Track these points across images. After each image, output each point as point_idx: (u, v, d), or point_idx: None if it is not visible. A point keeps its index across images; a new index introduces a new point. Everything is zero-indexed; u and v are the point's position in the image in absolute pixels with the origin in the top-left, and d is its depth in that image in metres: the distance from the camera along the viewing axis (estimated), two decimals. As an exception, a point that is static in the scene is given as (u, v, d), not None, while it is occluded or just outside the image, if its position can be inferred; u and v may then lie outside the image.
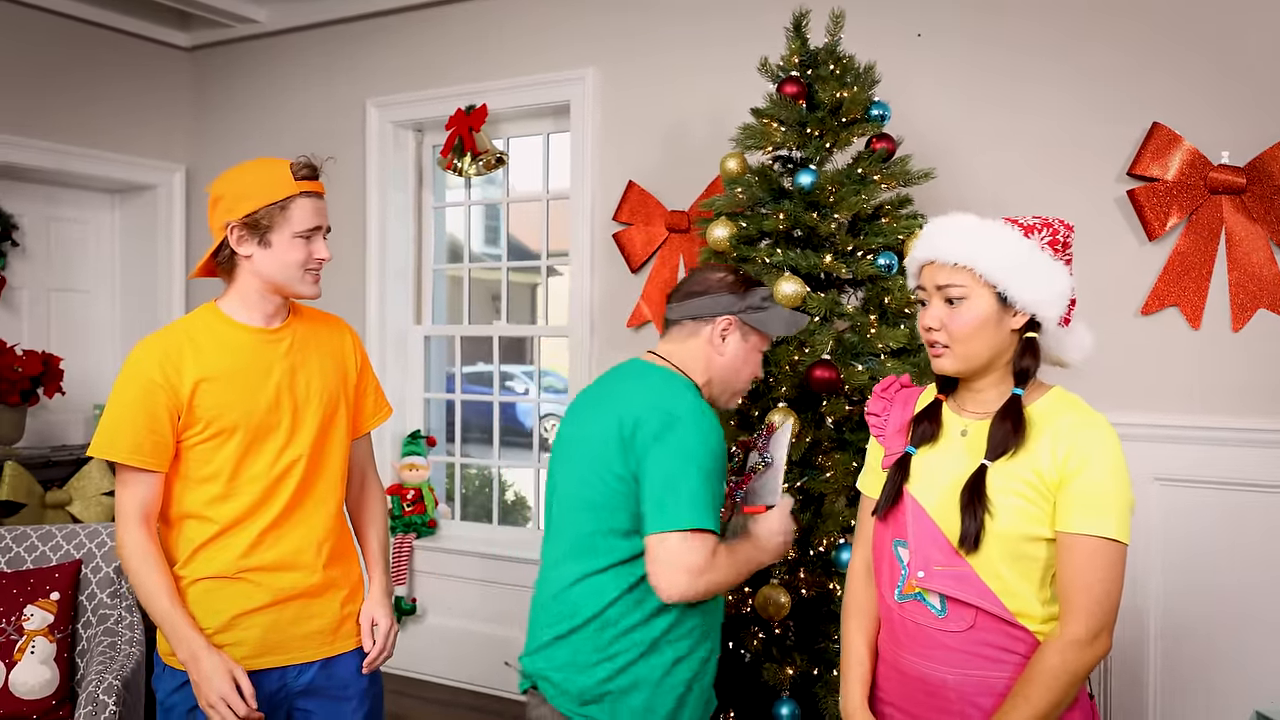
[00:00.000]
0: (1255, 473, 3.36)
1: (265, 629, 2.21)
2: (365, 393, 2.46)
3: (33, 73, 5.12)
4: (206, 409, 2.16)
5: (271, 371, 2.24)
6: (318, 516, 2.29)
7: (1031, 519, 1.75)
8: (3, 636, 2.98)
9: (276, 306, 2.28)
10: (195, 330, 2.22)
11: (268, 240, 2.18)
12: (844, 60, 3.14)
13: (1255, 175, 3.37)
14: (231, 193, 2.19)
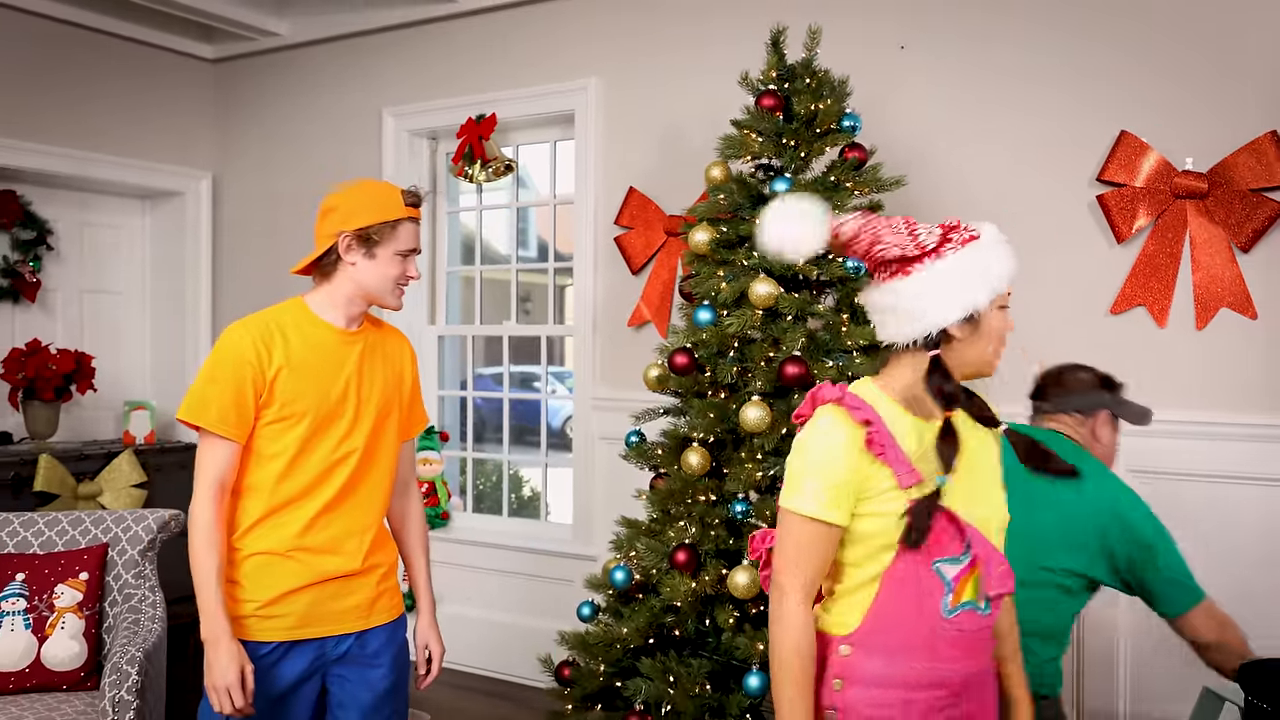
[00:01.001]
0: (1217, 464, 3.51)
1: (308, 604, 2.43)
2: (412, 403, 2.68)
3: (64, 84, 5.38)
4: (284, 393, 2.38)
5: (344, 368, 2.47)
6: (366, 506, 2.52)
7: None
8: (36, 613, 3.22)
9: (359, 312, 2.52)
10: (285, 321, 2.44)
11: (373, 253, 2.43)
12: (820, 74, 3.33)
13: (1216, 181, 3.52)
14: (347, 207, 2.44)
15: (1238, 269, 3.52)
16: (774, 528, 2.94)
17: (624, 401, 4.34)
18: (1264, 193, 3.46)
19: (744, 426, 3.05)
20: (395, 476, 2.63)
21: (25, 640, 3.18)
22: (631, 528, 3.35)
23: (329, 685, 2.51)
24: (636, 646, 3.19)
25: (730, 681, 3.05)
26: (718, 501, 3.16)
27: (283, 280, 5.56)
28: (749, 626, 3.01)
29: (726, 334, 3.19)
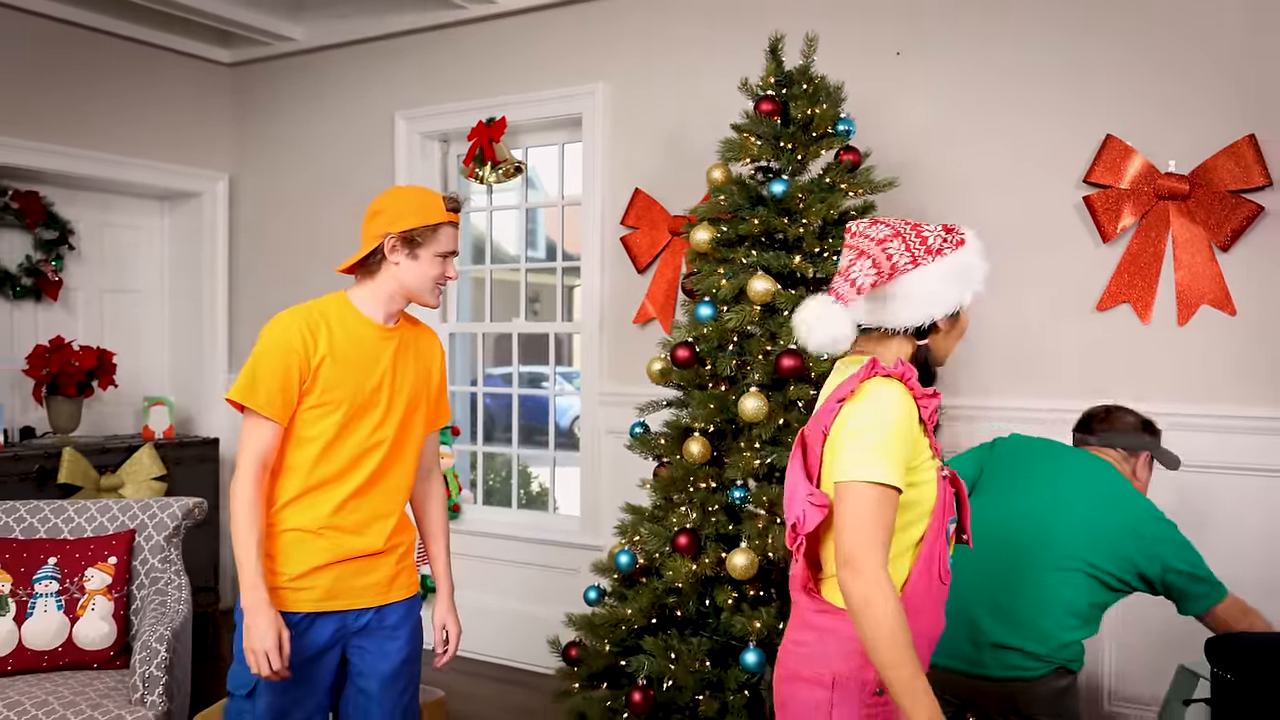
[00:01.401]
0: (1196, 453, 3.64)
1: (333, 579, 2.60)
2: (438, 397, 2.85)
3: (86, 88, 5.54)
4: (325, 381, 2.55)
5: (380, 362, 2.63)
6: (393, 492, 2.70)
7: None
8: (67, 595, 3.38)
9: (398, 309, 2.69)
10: (330, 314, 2.61)
11: (416, 254, 2.60)
12: (816, 80, 3.48)
13: (1198, 182, 3.66)
14: (394, 210, 2.61)
15: (1218, 267, 3.66)
16: (771, 513, 3.10)
17: (629, 396, 4.49)
18: (1242, 194, 3.60)
19: (742, 416, 3.20)
20: (420, 465, 2.80)
21: (58, 621, 3.34)
22: (635, 514, 3.50)
23: (349, 656, 2.67)
24: (640, 626, 3.34)
25: (729, 658, 3.21)
26: (717, 488, 3.32)
27: (297, 278, 5.75)
28: (746, 606, 3.16)
29: (726, 328, 3.34)
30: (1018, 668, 2.72)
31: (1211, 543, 3.63)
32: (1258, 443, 3.59)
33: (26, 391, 5.45)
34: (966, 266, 2.01)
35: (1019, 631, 2.72)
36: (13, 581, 3.33)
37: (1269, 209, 3.57)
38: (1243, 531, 3.63)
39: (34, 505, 3.62)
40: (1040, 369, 3.92)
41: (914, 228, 2.00)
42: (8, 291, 5.43)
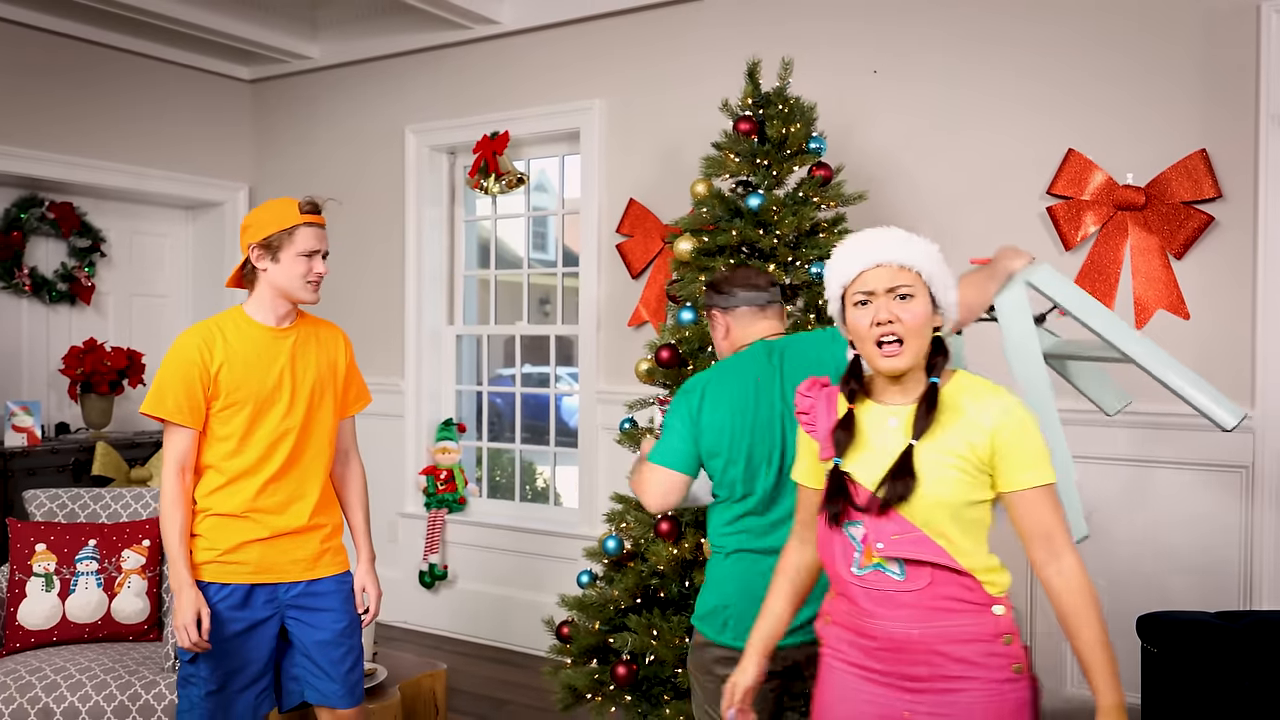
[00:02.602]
0: (1153, 451, 3.91)
1: (261, 554, 2.87)
2: (350, 385, 3.12)
3: (116, 105, 5.86)
4: (226, 385, 2.81)
5: (277, 360, 2.88)
6: (308, 474, 2.95)
7: (970, 486, 1.94)
8: (106, 574, 3.69)
9: (286, 310, 2.92)
10: (225, 325, 2.87)
11: (278, 257, 2.83)
12: (791, 101, 3.75)
13: (1153, 194, 3.91)
14: (255, 223, 2.85)
15: (1172, 274, 3.91)
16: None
17: (623, 394, 4.76)
18: (1194, 205, 3.85)
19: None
20: (335, 448, 3.06)
21: (97, 597, 3.65)
22: (623, 502, 3.78)
23: (288, 626, 2.94)
24: (626, 606, 3.63)
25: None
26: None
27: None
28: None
29: (706, 331, 3.61)
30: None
31: (1166, 533, 3.90)
32: (1210, 439, 3.80)
33: (62, 389, 5.78)
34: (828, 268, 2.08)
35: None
36: (57, 561, 3.64)
37: (1219, 219, 3.82)
38: (1194, 522, 3.87)
39: (75, 493, 3.93)
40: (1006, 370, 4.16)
41: None
42: (45, 296, 5.77)
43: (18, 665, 3.41)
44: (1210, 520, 3.84)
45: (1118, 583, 3.96)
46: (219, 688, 2.84)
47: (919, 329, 1.94)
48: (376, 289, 5.96)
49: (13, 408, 5.35)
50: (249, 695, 2.90)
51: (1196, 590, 3.83)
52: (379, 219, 5.95)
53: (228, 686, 2.86)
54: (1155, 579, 3.91)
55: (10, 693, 3.29)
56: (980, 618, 1.96)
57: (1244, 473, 3.77)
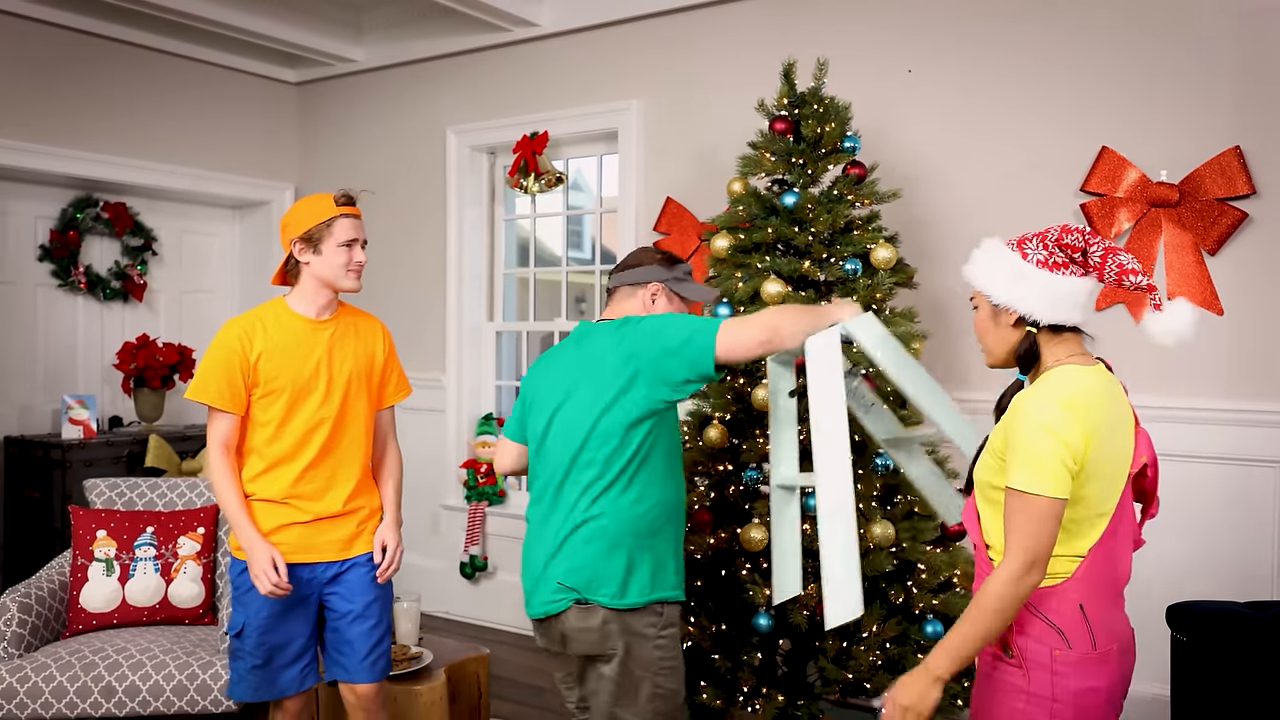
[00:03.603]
0: (1189, 444, 3.94)
1: (300, 535, 3.01)
2: (389, 376, 3.23)
3: (167, 108, 6.03)
4: (265, 373, 2.95)
5: (315, 350, 3.02)
6: (345, 461, 3.09)
7: (994, 472, 2.12)
8: (163, 560, 3.84)
9: (327, 301, 3.06)
10: (266, 317, 3.02)
11: (320, 249, 2.98)
12: (825, 101, 3.83)
13: (1187, 191, 3.95)
14: (294, 220, 3.00)
15: (1205, 270, 3.95)
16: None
17: (662, 388, 4.86)
18: (1228, 202, 3.89)
19: (755, 405, 3.56)
20: (371, 435, 3.18)
21: (155, 582, 3.81)
22: (661, 493, 3.88)
23: (325, 603, 3.09)
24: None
25: (742, 622, 3.57)
26: (733, 470, 3.69)
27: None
28: (758, 575, 3.53)
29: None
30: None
31: (1207, 528, 3.94)
32: (1243, 434, 3.87)
33: (116, 384, 5.96)
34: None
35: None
36: (117, 547, 3.80)
37: (1253, 216, 3.85)
38: (1232, 518, 3.91)
39: (133, 482, 4.09)
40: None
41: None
42: (99, 293, 5.95)
43: (81, 645, 3.57)
44: (1242, 514, 3.87)
45: (1149, 574, 4.00)
46: (264, 662, 3.01)
47: (980, 334, 2.23)
48: (418, 286, 6.09)
49: (69, 401, 5.53)
50: (294, 670, 3.06)
51: (1229, 583, 3.87)
52: (421, 218, 6.08)
53: (272, 661, 3.02)
54: (1188, 572, 3.96)
55: (75, 670, 3.45)
56: None
57: (1277, 467, 3.81)
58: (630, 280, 2.90)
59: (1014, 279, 2.13)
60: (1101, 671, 2.05)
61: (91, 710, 3.45)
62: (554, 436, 2.75)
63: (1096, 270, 2.13)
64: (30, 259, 5.78)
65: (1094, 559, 2.09)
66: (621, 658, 2.66)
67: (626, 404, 2.65)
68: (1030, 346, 2.15)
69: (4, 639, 3.53)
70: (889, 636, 3.42)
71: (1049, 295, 2.11)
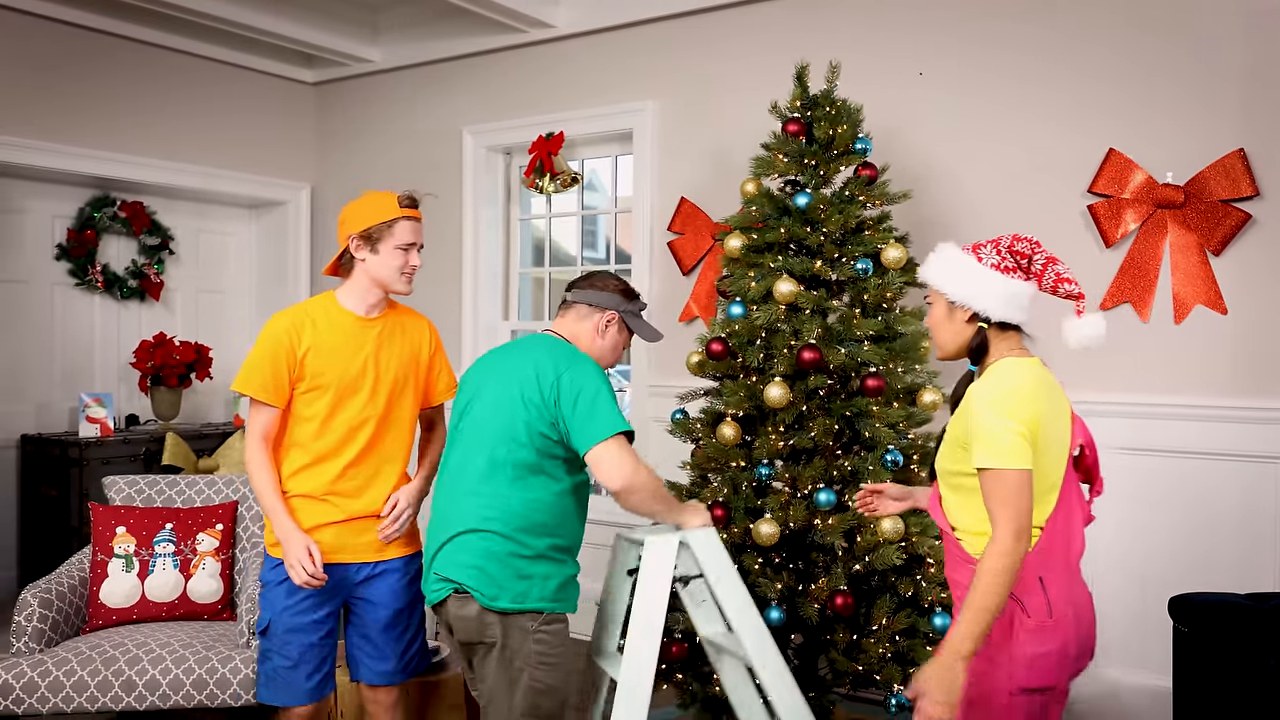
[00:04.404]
0: (1193, 442, 3.99)
1: (335, 535, 2.97)
2: (438, 375, 3.21)
3: (184, 108, 6.10)
4: (313, 368, 2.93)
5: (363, 348, 2.99)
6: (388, 460, 3.05)
7: (956, 460, 2.32)
8: (182, 556, 3.90)
9: (377, 299, 3.03)
10: (315, 311, 2.99)
11: (377, 249, 2.95)
12: (837, 103, 3.88)
13: (1192, 192, 3.99)
14: (353, 216, 2.98)
15: (1210, 271, 3.99)
16: (794, 488, 3.51)
17: (673, 387, 4.90)
18: (1232, 203, 3.93)
19: (768, 403, 3.61)
20: (414, 434, 3.14)
21: (174, 578, 3.86)
22: (674, 489, 3.93)
23: (353, 606, 3.07)
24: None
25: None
26: (746, 466, 3.73)
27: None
28: (770, 570, 3.58)
29: (755, 325, 3.75)
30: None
31: (1213, 524, 3.98)
32: (1247, 431, 3.91)
33: (133, 383, 6.02)
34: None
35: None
36: (136, 543, 3.86)
37: (1256, 217, 3.89)
38: (1235, 512, 3.95)
39: (152, 479, 4.15)
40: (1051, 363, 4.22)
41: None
42: (116, 292, 6.02)
43: (101, 640, 3.63)
44: (1245, 509, 3.91)
45: (1156, 568, 4.05)
46: (291, 665, 2.98)
47: (934, 329, 2.44)
48: (434, 285, 6.14)
49: (86, 400, 5.60)
50: (321, 673, 3.02)
51: (1231, 575, 3.91)
52: (437, 218, 6.12)
53: (300, 663, 2.98)
54: (1191, 564, 3.99)
55: (96, 665, 3.50)
56: (963, 570, 2.31)
57: (1278, 463, 3.85)
58: (589, 301, 2.97)
59: (969, 279, 2.35)
60: (1054, 636, 2.24)
61: (112, 704, 3.50)
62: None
63: (1037, 277, 2.37)
64: (47, 258, 5.86)
65: (1049, 534, 2.27)
66: (500, 646, 2.73)
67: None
68: (982, 341, 2.36)
69: (25, 634, 3.59)
70: (898, 629, 3.47)
71: (999, 295, 2.33)
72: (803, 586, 3.55)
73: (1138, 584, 4.10)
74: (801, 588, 3.54)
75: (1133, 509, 4.11)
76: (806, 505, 3.54)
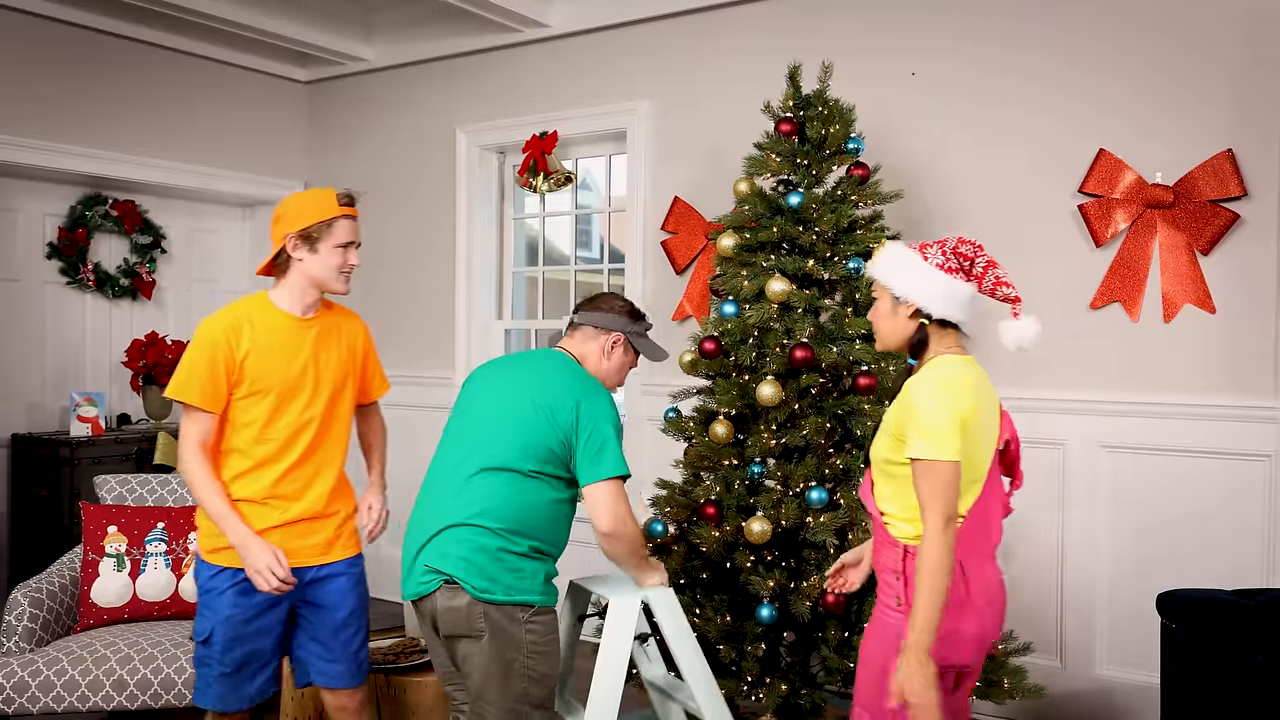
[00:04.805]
0: (1182, 439, 4.02)
1: (281, 539, 2.89)
2: (372, 372, 3.17)
3: (177, 106, 6.08)
4: (251, 373, 2.83)
5: (302, 350, 2.91)
6: (327, 461, 3.00)
7: (889, 448, 2.45)
8: (174, 555, 3.90)
9: (314, 300, 2.95)
10: (252, 313, 2.88)
11: (316, 248, 2.86)
12: (830, 103, 3.89)
13: (1181, 192, 4.01)
14: (291, 213, 2.87)
15: (1199, 270, 4.01)
16: (786, 486, 3.53)
17: (666, 386, 4.91)
18: (1221, 203, 3.95)
19: (760, 401, 3.63)
20: (351, 432, 3.08)
21: (166, 576, 3.86)
22: (667, 488, 3.94)
23: (299, 610, 2.99)
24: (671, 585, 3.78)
25: (746, 613, 3.64)
26: (738, 465, 3.75)
27: (365, 278, 6.26)
28: (761, 568, 3.60)
29: (748, 324, 3.77)
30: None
31: (1193, 519, 4.01)
32: (1235, 429, 3.93)
33: (124, 382, 6.01)
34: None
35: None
36: (128, 542, 3.86)
37: (1244, 217, 3.91)
38: (1222, 509, 3.97)
39: (144, 478, 4.15)
40: (1041, 362, 4.28)
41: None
42: (108, 291, 6.01)
43: (93, 639, 3.63)
44: (1232, 505, 3.94)
45: (1144, 564, 4.07)
46: (234, 670, 2.90)
47: (877, 322, 2.56)
48: (428, 284, 6.15)
49: (77, 399, 5.59)
50: (261, 678, 2.96)
51: (1218, 572, 3.94)
52: (431, 217, 6.15)
53: (242, 669, 2.92)
54: (1179, 561, 4.02)
55: (87, 664, 3.51)
56: (888, 553, 2.46)
57: (1268, 461, 3.87)
58: (595, 323, 3.06)
59: (913, 277, 2.47)
60: (970, 617, 2.39)
61: (103, 704, 3.51)
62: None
63: (978, 279, 2.49)
64: (39, 256, 5.84)
65: (971, 523, 2.41)
66: (490, 636, 2.75)
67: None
68: (923, 337, 2.48)
69: (15, 634, 3.59)
70: (890, 628, 3.48)
71: (941, 294, 2.46)
72: (794, 584, 3.56)
73: (1126, 580, 4.12)
74: (793, 585, 3.55)
75: (1121, 506, 4.13)
76: (798, 503, 3.56)
